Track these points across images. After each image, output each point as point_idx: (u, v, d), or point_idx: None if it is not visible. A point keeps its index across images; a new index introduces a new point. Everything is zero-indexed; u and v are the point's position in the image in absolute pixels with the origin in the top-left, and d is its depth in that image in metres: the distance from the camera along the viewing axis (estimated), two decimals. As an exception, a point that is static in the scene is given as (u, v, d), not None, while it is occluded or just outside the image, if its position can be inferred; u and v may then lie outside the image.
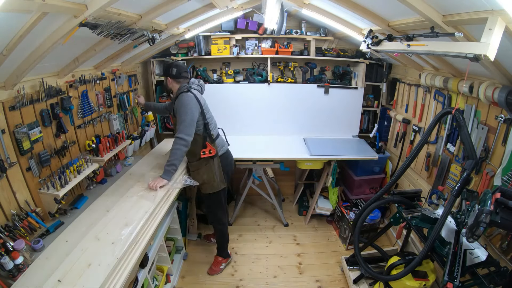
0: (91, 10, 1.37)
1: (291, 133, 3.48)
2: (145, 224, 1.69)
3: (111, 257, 1.38)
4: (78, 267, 1.30)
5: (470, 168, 1.52)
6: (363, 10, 1.95)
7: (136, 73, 3.11)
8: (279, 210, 3.24)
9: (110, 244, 1.46)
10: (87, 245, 1.45)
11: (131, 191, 2.00)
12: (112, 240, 1.49)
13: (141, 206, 1.82)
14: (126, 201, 1.87)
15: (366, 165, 3.04)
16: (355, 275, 2.37)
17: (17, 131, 1.60)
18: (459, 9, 1.30)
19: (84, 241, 1.48)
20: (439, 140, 2.30)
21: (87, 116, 2.25)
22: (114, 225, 1.63)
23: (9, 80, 1.54)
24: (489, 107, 1.81)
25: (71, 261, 1.34)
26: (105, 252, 1.41)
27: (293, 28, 3.27)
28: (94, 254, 1.39)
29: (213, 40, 3.16)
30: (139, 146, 2.97)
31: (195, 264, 2.69)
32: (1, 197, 1.52)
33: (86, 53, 1.99)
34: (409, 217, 1.92)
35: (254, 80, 3.33)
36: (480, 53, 1.14)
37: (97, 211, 1.80)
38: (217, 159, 2.30)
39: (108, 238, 1.51)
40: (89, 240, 1.49)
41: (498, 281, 1.44)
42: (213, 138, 2.26)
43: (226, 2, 2.27)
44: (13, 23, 1.21)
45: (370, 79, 3.28)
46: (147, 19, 1.95)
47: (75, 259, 1.35)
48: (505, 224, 1.26)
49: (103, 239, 1.50)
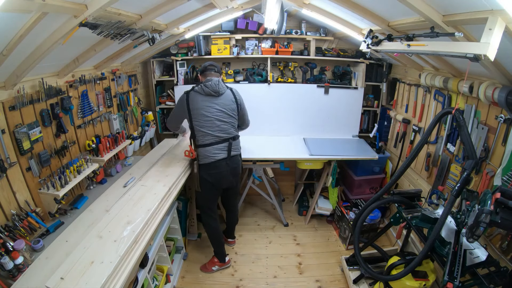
0: (91, 10, 1.37)
1: (291, 133, 3.48)
2: (147, 222, 1.68)
3: (114, 254, 1.37)
4: (80, 265, 1.29)
5: (470, 168, 1.52)
6: (363, 10, 1.95)
7: (136, 73, 3.11)
8: (279, 210, 3.24)
9: (112, 242, 1.46)
10: (89, 243, 1.45)
11: (132, 189, 2.00)
12: (115, 238, 1.49)
13: (143, 205, 1.82)
14: (127, 200, 1.87)
15: (366, 165, 3.04)
16: (355, 275, 2.37)
17: (17, 131, 1.60)
18: (459, 9, 1.30)
19: (87, 239, 1.48)
20: (439, 140, 2.30)
21: (87, 116, 2.25)
22: (116, 223, 1.62)
23: (9, 80, 1.54)
24: (489, 107, 1.81)
25: (74, 258, 1.33)
26: (107, 250, 1.40)
27: (293, 28, 3.27)
28: (96, 252, 1.38)
29: (213, 40, 3.16)
30: (139, 146, 2.97)
31: (195, 264, 2.68)
32: (1, 197, 1.52)
33: (86, 53, 1.99)
34: (409, 217, 1.92)
35: (254, 80, 3.33)
36: (480, 53, 1.14)
37: (98, 210, 1.80)
38: (196, 163, 2.28)
39: (110, 236, 1.51)
40: (92, 238, 1.49)
41: (498, 281, 1.44)
42: (196, 144, 2.26)
43: (226, 2, 2.27)
44: (13, 23, 1.21)
45: (370, 79, 3.28)
46: (147, 19, 1.95)
47: (78, 256, 1.34)
48: (505, 224, 1.26)
49: (105, 237, 1.50)
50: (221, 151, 2.24)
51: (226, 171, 2.29)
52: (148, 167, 2.41)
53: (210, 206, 2.46)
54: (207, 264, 2.60)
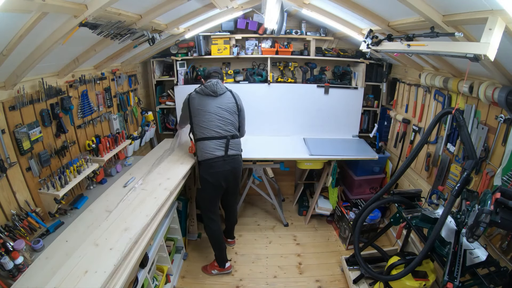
0: (91, 10, 1.37)
1: (291, 133, 3.48)
2: (145, 228, 1.67)
3: (109, 263, 1.35)
4: (74, 275, 1.28)
5: (470, 168, 1.52)
6: (363, 10, 1.94)
7: (136, 73, 3.11)
8: (279, 210, 3.24)
9: (108, 251, 1.44)
10: (85, 251, 1.43)
11: (132, 193, 2.00)
12: (111, 246, 1.47)
13: (141, 210, 1.80)
14: (126, 205, 1.86)
15: (366, 165, 3.04)
16: (355, 275, 2.37)
17: (17, 131, 1.60)
18: (459, 9, 1.30)
19: (83, 247, 1.46)
20: (439, 140, 2.30)
21: (87, 116, 2.25)
22: (113, 229, 1.60)
23: (9, 80, 1.54)
24: (489, 107, 1.81)
25: (69, 267, 1.33)
26: (103, 259, 1.38)
27: (293, 28, 3.27)
28: (91, 261, 1.36)
29: (213, 40, 3.16)
30: (139, 146, 2.97)
31: (195, 264, 2.69)
32: (1, 197, 1.52)
33: (86, 53, 1.99)
34: (409, 217, 1.92)
35: (254, 80, 3.33)
36: (480, 53, 1.14)
37: (97, 213, 1.79)
38: (196, 161, 2.46)
39: (106, 244, 1.49)
40: (88, 246, 1.47)
41: (498, 281, 1.44)
42: (195, 138, 2.39)
43: (226, 2, 2.27)
44: (13, 23, 1.21)
45: (370, 79, 3.28)
46: (147, 19, 1.95)
47: (73, 265, 1.34)
48: (505, 224, 1.26)
49: (101, 245, 1.48)
50: (218, 147, 2.26)
51: (226, 171, 2.29)
52: (148, 168, 2.41)
53: (211, 207, 2.44)
54: (208, 266, 2.60)
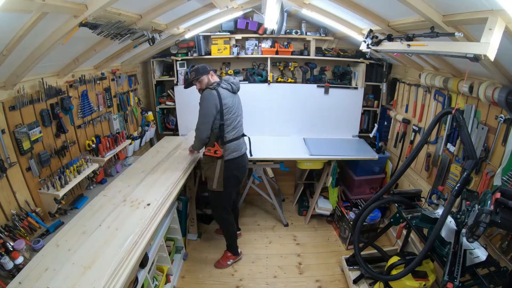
0: (91, 10, 1.37)
1: (291, 133, 3.48)
2: (140, 235, 1.61)
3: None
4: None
5: (470, 168, 1.52)
6: (363, 10, 1.94)
7: (136, 73, 3.11)
8: (279, 210, 3.24)
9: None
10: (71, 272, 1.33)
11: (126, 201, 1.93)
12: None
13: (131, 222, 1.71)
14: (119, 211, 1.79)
15: (366, 165, 3.04)
16: (355, 275, 2.37)
17: (17, 131, 1.60)
18: (459, 9, 1.30)
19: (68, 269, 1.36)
20: (439, 140, 2.30)
21: (87, 116, 2.25)
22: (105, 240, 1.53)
23: (9, 80, 1.54)
24: (489, 107, 1.81)
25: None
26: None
27: (293, 28, 3.27)
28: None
29: (213, 40, 3.16)
30: (139, 146, 2.97)
31: (195, 264, 2.69)
32: (1, 197, 1.52)
33: (86, 53, 1.99)
34: (409, 217, 1.92)
35: (254, 80, 3.32)
36: (480, 53, 1.14)
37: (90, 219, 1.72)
38: (221, 161, 2.25)
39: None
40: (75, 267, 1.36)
41: (498, 281, 1.44)
42: (224, 141, 2.24)
43: (226, 2, 2.27)
44: (13, 23, 1.21)
45: (370, 79, 3.28)
46: (147, 19, 1.95)
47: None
48: (505, 224, 1.26)
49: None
50: (244, 143, 2.44)
51: (247, 164, 2.53)
52: (148, 169, 2.41)
53: (230, 201, 2.53)
54: (221, 260, 2.64)
